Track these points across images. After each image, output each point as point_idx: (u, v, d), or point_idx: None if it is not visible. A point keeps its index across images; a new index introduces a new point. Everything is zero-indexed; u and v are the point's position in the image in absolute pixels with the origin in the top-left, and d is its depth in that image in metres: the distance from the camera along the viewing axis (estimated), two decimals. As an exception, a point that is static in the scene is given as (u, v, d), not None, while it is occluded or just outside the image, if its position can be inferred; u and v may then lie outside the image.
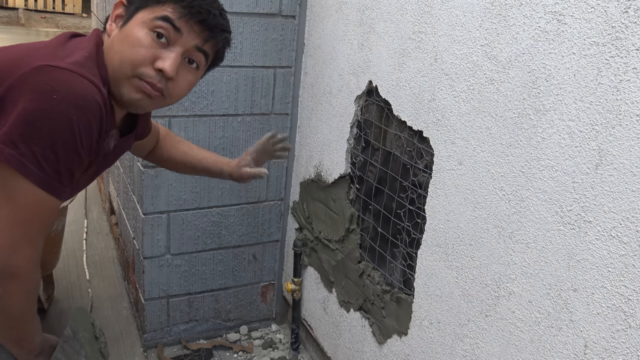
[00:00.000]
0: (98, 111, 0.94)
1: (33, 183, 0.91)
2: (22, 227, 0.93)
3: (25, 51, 0.97)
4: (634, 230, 0.93)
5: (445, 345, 1.39)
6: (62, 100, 0.89)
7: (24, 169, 0.89)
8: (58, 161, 0.92)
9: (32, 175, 0.90)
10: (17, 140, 0.88)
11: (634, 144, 0.92)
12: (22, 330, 1.04)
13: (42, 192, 0.93)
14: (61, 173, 0.94)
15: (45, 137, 0.90)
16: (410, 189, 1.50)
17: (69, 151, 0.93)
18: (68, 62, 0.94)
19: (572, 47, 1.01)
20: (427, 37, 1.36)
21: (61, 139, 0.91)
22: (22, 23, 9.17)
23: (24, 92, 0.89)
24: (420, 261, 1.46)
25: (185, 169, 1.52)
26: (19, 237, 0.93)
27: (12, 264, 0.93)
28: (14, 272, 0.94)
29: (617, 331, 0.97)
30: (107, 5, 2.54)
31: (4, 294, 0.95)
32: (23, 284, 0.97)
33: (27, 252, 0.95)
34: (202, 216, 2.04)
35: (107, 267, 2.65)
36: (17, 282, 0.96)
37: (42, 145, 0.90)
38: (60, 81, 0.90)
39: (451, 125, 1.31)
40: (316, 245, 2.00)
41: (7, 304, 0.96)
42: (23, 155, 0.89)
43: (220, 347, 2.20)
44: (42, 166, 0.91)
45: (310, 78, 1.95)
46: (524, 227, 1.13)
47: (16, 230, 0.93)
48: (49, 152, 0.91)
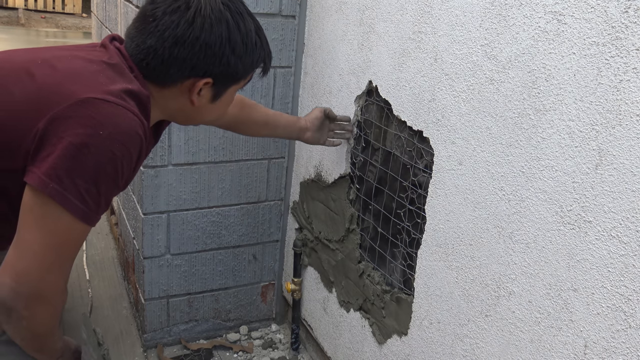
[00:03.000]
0: (139, 144, 0.97)
1: (75, 216, 0.92)
2: (54, 253, 0.94)
3: (65, 76, 0.96)
4: (634, 230, 0.93)
5: (445, 345, 1.39)
6: (108, 136, 0.91)
7: (68, 204, 0.90)
8: (99, 194, 0.94)
9: (76, 209, 0.92)
10: (62, 175, 0.89)
11: (634, 144, 0.92)
12: (45, 342, 1.05)
13: (80, 223, 0.94)
14: (101, 205, 0.96)
15: (89, 172, 0.91)
16: (410, 189, 1.50)
17: (110, 185, 0.95)
18: (112, 92, 0.95)
19: (572, 47, 1.01)
20: (427, 37, 1.36)
21: (104, 174, 0.93)
22: (22, 23, 9.17)
23: (69, 125, 0.90)
24: (420, 261, 1.46)
25: (263, 132, 1.66)
26: (51, 263, 0.94)
27: (41, 287, 0.94)
28: (42, 296, 0.95)
29: (617, 331, 0.97)
30: (107, 5, 2.54)
31: (30, 315, 0.96)
32: (49, 306, 0.98)
33: (57, 277, 0.96)
34: (202, 216, 2.04)
35: (107, 267, 2.65)
36: (44, 305, 0.97)
37: (87, 180, 0.91)
38: (106, 116, 0.92)
39: (451, 125, 1.31)
40: (316, 245, 2.00)
41: (32, 323, 0.97)
42: (67, 190, 0.90)
43: (220, 347, 2.20)
44: (85, 200, 0.92)
45: (310, 78, 1.95)
46: (524, 227, 1.13)
47: (49, 256, 0.93)
48: (92, 187, 0.92)
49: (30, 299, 0.94)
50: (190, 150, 1.92)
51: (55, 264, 0.95)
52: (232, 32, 1.02)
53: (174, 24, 0.98)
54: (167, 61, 1.00)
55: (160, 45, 0.99)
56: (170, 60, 1.00)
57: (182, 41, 0.98)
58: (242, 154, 2.03)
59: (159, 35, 0.99)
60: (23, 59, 1.01)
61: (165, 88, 1.05)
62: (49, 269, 0.94)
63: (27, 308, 0.94)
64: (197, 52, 0.99)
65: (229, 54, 1.02)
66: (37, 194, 0.90)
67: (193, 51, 0.99)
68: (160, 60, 1.00)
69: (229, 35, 1.01)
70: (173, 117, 1.14)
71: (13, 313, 0.94)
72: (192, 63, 1.01)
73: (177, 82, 1.04)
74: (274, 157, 2.10)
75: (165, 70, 1.02)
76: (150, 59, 1.01)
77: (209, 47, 1.00)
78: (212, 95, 1.08)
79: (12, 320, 0.96)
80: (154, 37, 0.99)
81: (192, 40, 0.98)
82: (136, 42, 1.02)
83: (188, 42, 0.98)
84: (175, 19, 0.98)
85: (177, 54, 0.99)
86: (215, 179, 2.01)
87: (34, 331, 1.00)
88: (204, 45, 1.00)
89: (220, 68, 1.03)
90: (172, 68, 1.01)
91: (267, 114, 1.62)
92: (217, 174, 2.01)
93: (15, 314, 0.94)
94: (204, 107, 1.10)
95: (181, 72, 1.02)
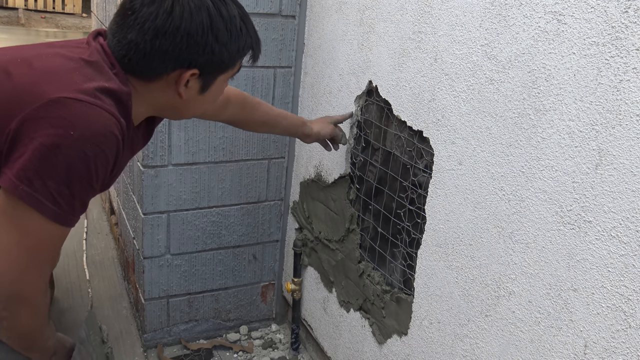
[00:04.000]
0: (115, 144, 0.95)
1: (47, 218, 0.91)
2: (31, 255, 0.93)
3: (40, 75, 0.94)
4: (634, 230, 0.93)
5: (445, 345, 1.39)
6: (80, 137, 0.89)
7: (38, 206, 0.89)
8: (73, 196, 0.93)
9: (47, 211, 0.90)
10: (32, 177, 0.88)
11: (634, 144, 0.92)
12: (33, 341, 1.05)
13: (55, 225, 0.93)
14: (75, 206, 0.94)
15: (61, 173, 0.89)
16: (410, 189, 1.50)
17: (83, 186, 0.93)
18: (86, 91, 0.92)
19: (572, 47, 1.01)
20: (427, 37, 1.36)
21: (77, 175, 0.91)
22: (22, 23, 9.17)
23: (40, 126, 0.88)
24: (420, 261, 1.46)
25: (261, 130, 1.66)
26: (27, 265, 0.93)
27: (19, 289, 0.93)
28: (20, 297, 0.94)
29: (617, 331, 0.97)
30: (107, 5, 2.54)
31: (10, 316, 0.95)
32: (30, 307, 0.98)
33: (35, 279, 0.95)
34: (202, 216, 2.04)
35: (107, 267, 2.65)
36: (25, 307, 0.96)
37: (58, 181, 0.89)
38: (78, 116, 0.90)
39: (451, 125, 1.31)
40: (316, 245, 2.00)
41: (13, 324, 0.97)
42: (38, 192, 0.88)
43: (220, 347, 2.20)
44: (57, 201, 0.91)
45: (310, 78, 1.95)
46: (524, 227, 1.13)
47: (25, 258, 0.92)
48: (64, 188, 0.91)
49: (9, 300, 0.93)
50: (190, 150, 1.92)
51: (31, 266, 0.93)
52: (214, 19, 0.98)
53: (152, 15, 0.95)
54: (149, 54, 0.97)
55: (141, 39, 0.96)
56: (152, 53, 0.97)
57: (163, 32, 0.95)
58: (242, 154, 2.03)
59: (139, 28, 0.96)
60: (5, 58, 1.00)
61: (151, 82, 1.02)
62: (24, 270, 0.93)
63: (6, 309, 0.94)
64: (178, 42, 0.96)
65: (212, 42, 0.99)
66: (9, 196, 0.89)
67: (175, 42, 0.96)
68: (143, 54, 0.97)
69: (211, 23, 0.98)
70: (162, 112, 1.11)
71: None
72: (175, 54, 0.97)
73: (162, 75, 1.01)
74: (274, 157, 2.10)
75: (149, 64, 0.99)
76: (132, 53, 0.98)
77: (190, 37, 0.97)
78: (200, 86, 1.05)
79: None
80: (134, 31, 0.96)
81: (172, 31, 0.95)
82: (117, 38, 0.99)
83: (169, 33, 0.95)
84: (153, 10, 0.95)
85: (158, 46, 0.96)
86: (215, 179, 2.01)
87: (17, 331, 0.99)
88: (186, 35, 0.96)
89: (204, 57, 1.00)
90: (155, 61, 0.98)
91: (267, 115, 1.58)
92: (217, 174, 2.01)
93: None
94: (193, 100, 1.07)
95: (165, 64, 0.99)
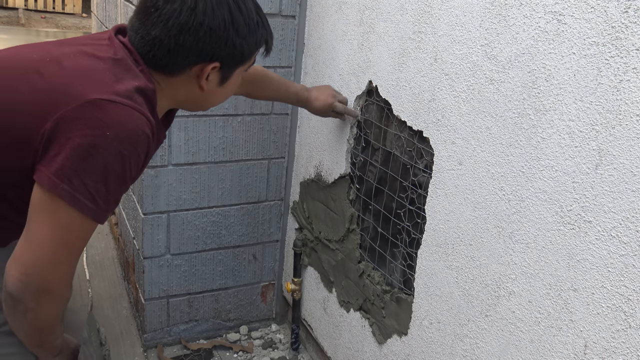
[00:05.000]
0: (146, 142, 0.98)
1: (85, 215, 0.95)
2: (65, 248, 0.96)
3: (72, 75, 0.97)
4: (634, 230, 0.93)
5: (445, 345, 1.39)
6: (116, 137, 0.93)
7: (77, 204, 0.93)
8: (109, 193, 0.96)
9: (85, 209, 0.94)
10: (72, 176, 0.91)
11: (634, 144, 0.92)
12: (46, 337, 1.07)
13: (90, 221, 0.97)
14: (110, 203, 0.98)
15: (98, 172, 0.93)
16: (410, 189, 1.50)
17: (118, 183, 0.97)
18: (119, 92, 0.96)
19: (572, 47, 1.01)
20: (427, 37, 1.36)
21: (113, 173, 0.95)
22: (22, 23, 9.17)
23: (76, 126, 0.92)
24: (420, 261, 1.46)
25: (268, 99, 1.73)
26: (60, 257, 0.96)
27: (49, 280, 0.96)
28: (49, 289, 0.97)
29: (617, 331, 0.97)
30: (107, 5, 2.54)
31: (37, 307, 0.98)
32: (55, 299, 1.00)
33: (64, 271, 0.99)
34: (202, 216, 2.04)
35: (107, 267, 2.65)
36: (50, 298, 0.99)
37: (96, 180, 0.93)
38: (113, 117, 0.93)
39: (451, 125, 1.31)
40: (316, 245, 2.00)
41: (37, 316, 0.99)
42: (77, 190, 0.92)
43: (220, 347, 2.20)
44: (95, 199, 0.94)
45: (310, 78, 1.95)
46: (524, 227, 1.13)
47: (58, 250, 0.95)
48: (102, 186, 0.94)
49: (38, 291, 0.96)
50: (190, 150, 1.92)
51: (63, 258, 0.97)
52: (234, 14, 1.02)
53: (176, 12, 0.98)
54: (173, 50, 1.00)
55: (165, 35, 0.99)
56: (176, 48, 1.00)
57: (187, 28, 0.98)
58: (242, 154, 2.03)
59: (163, 24, 0.99)
60: (33, 57, 1.02)
61: (173, 76, 1.05)
62: (58, 262, 0.96)
63: (34, 300, 0.96)
64: (202, 37, 1.00)
65: (234, 36, 1.03)
66: (46, 192, 0.92)
67: (198, 37, 0.99)
68: (167, 50, 1.00)
69: (232, 18, 1.01)
70: (182, 104, 1.15)
71: (20, 305, 0.96)
72: (199, 49, 1.01)
73: (185, 70, 1.04)
74: (274, 157, 2.10)
75: (173, 59, 1.02)
76: (156, 49, 1.01)
77: (213, 32, 1.00)
78: (220, 79, 1.09)
79: (18, 312, 0.98)
80: (158, 27, 0.99)
81: (196, 26, 0.99)
82: (140, 34, 1.01)
83: (192, 29, 0.99)
84: (177, 7, 0.98)
85: (182, 42, 0.99)
86: (215, 179, 2.01)
87: (39, 324, 1.01)
88: (209, 30, 1.00)
89: (226, 51, 1.04)
90: (179, 56, 1.02)
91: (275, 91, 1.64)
92: (217, 174, 2.01)
93: (22, 306, 0.96)
94: (212, 92, 1.11)
95: (188, 59, 1.03)
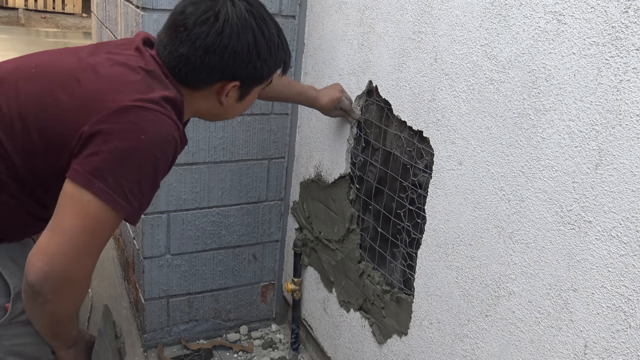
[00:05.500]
0: (175, 146, 1.06)
1: (118, 213, 1.00)
2: (91, 241, 1.00)
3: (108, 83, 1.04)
4: (634, 230, 0.93)
5: (445, 345, 1.39)
6: (149, 140, 1.00)
7: (112, 202, 0.98)
8: (142, 194, 1.03)
9: (119, 207, 0.99)
10: (107, 176, 0.97)
11: (634, 144, 0.92)
12: (63, 328, 1.10)
13: (118, 218, 1.01)
14: (142, 203, 1.04)
15: (133, 173, 1.00)
16: (410, 189, 1.50)
17: (150, 184, 1.04)
18: (152, 100, 1.03)
19: (572, 47, 1.01)
20: (427, 37, 1.36)
21: (146, 175, 1.02)
22: (22, 23, 9.17)
23: (114, 130, 0.99)
24: (420, 261, 1.46)
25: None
26: (83, 249, 0.99)
27: (73, 271, 0.99)
28: (71, 280, 1.00)
29: (617, 331, 0.97)
30: (107, 5, 2.54)
31: (57, 297, 1.00)
32: (75, 291, 1.03)
33: (88, 263, 1.02)
34: (202, 216, 2.04)
35: (107, 267, 2.65)
36: (71, 289, 1.01)
37: (130, 180, 0.99)
38: (147, 122, 1.01)
39: (451, 125, 1.31)
40: (316, 245, 2.00)
41: (55, 307, 1.02)
42: (112, 189, 0.98)
43: (220, 347, 2.20)
44: (128, 198, 1.00)
45: (310, 78, 1.95)
46: (524, 227, 1.13)
47: (85, 243, 0.99)
48: (135, 186, 1.00)
49: (59, 282, 0.98)
50: (190, 150, 1.92)
51: (88, 251, 1.00)
52: (258, 38, 1.09)
53: (204, 34, 1.05)
54: (198, 68, 1.08)
55: (192, 54, 1.06)
56: (201, 66, 1.08)
57: (213, 50, 1.06)
58: (242, 154, 2.03)
59: (191, 44, 1.06)
60: (70, 65, 1.09)
61: (196, 91, 1.13)
62: (83, 254, 0.99)
63: (53, 292, 0.98)
64: (226, 59, 1.07)
65: (255, 59, 1.10)
66: (80, 189, 0.97)
67: (223, 58, 1.07)
68: (192, 67, 1.08)
69: (255, 42, 1.09)
70: (202, 115, 1.23)
71: (39, 297, 0.98)
72: (222, 69, 1.09)
73: (207, 86, 1.12)
74: (274, 157, 2.10)
75: (197, 76, 1.10)
76: (182, 65, 1.08)
77: (237, 54, 1.08)
78: (238, 95, 1.17)
79: (37, 303, 1.00)
80: (186, 46, 1.06)
81: (221, 49, 1.06)
82: (169, 50, 1.09)
83: (218, 51, 1.06)
84: (205, 30, 1.05)
85: (208, 61, 1.07)
86: (215, 179, 2.01)
87: (56, 315, 1.04)
88: (233, 53, 1.07)
89: (247, 72, 1.11)
90: (203, 73, 1.09)
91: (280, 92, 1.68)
92: (217, 174, 2.01)
93: (41, 297, 0.98)
94: (231, 107, 1.19)
95: (211, 77, 1.10)
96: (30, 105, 1.04)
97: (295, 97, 1.73)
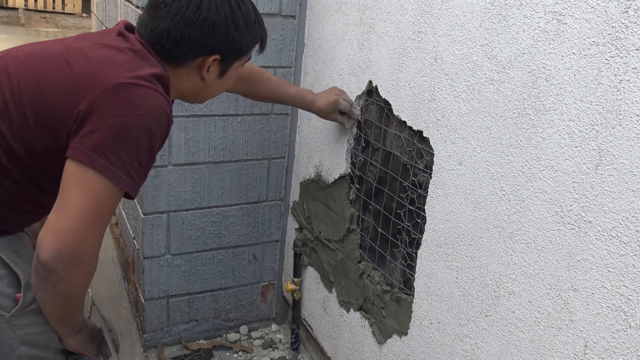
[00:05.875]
0: (167, 121, 1.10)
1: (120, 188, 1.03)
2: (97, 217, 1.03)
3: (98, 63, 1.08)
4: (634, 230, 0.93)
5: (445, 345, 1.39)
6: (144, 115, 1.04)
7: (114, 177, 1.01)
8: (141, 167, 1.06)
9: (122, 181, 1.03)
10: (108, 152, 1.00)
11: (634, 144, 0.92)
12: (72, 310, 1.14)
13: (120, 191, 1.04)
14: (141, 176, 1.08)
15: (132, 147, 1.03)
16: (410, 189, 1.50)
17: (149, 157, 1.08)
18: (142, 77, 1.07)
19: (572, 47, 1.01)
20: (427, 37, 1.36)
21: (144, 148, 1.05)
22: (22, 23, 9.17)
23: (109, 107, 1.02)
24: (420, 261, 1.46)
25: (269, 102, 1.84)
26: (90, 225, 1.02)
27: (82, 248, 1.02)
28: (80, 257, 1.03)
29: (617, 331, 0.97)
30: (107, 5, 2.54)
31: (68, 277, 1.03)
32: (85, 268, 1.06)
33: (95, 239, 1.05)
34: (202, 216, 2.04)
35: (107, 267, 2.65)
36: (81, 266, 1.04)
37: (129, 155, 1.03)
38: (141, 98, 1.04)
39: (451, 125, 1.31)
40: (316, 245, 2.00)
41: (68, 286, 1.05)
42: (113, 164, 1.01)
43: (220, 347, 2.20)
44: (130, 173, 1.04)
45: (310, 78, 1.95)
46: (524, 227, 1.13)
47: (91, 219, 1.02)
48: (135, 160, 1.04)
49: (70, 259, 1.01)
50: (190, 150, 1.92)
51: (94, 225, 1.03)
52: (235, 12, 1.15)
53: (183, 8, 1.11)
54: (179, 42, 1.13)
55: (173, 28, 1.12)
56: (182, 40, 1.13)
57: (192, 22, 1.11)
58: (242, 154, 2.03)
59: (171, 19, 1.11)
60: (57, 50, 1.12)
61: (179, 67, 1.17)
62: (89, 230, 1.02)
63: (66, 269, 1.01)
64: (205, 31, 1.13)
65: (234, 31, 1.15)
66: (83, 167, 1.00)
67: (202, 31, 1.12)
68: (174, 42, 1.13)
69: (233, 15, 1.15)
70: (185, 96, 1.27)
71: (52, 275, 1.01)
72: (202, 42, 1.14)
73: (189, 61, 1.17)
74: (274, 157, 2.10)
75: (179, 50, 1.15)
76: (164, 41, 1.13)
77: (216, 27, 1.13)
78: (219, 71, 1.21)
79: (50, 282, 1.03)
80: (167, 21, 1.12)
81: (200, 21, 1.11)
82: (150, 27, 1.14)
83: (197, 23, 1.11)
84: (184, 4, 1.11)
85: (188, 35, 1.12)
86: (215, 179, 2.01)
87: (69, 294, 1.07)
88: (212, 25, 1.13)
89: (226, 45, 1.16)
90: (184, 47, 1.14)
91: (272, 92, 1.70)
92: (217, 174, 2.01)
93: (55, 275, 1.01)
94: (212, 83, 1.23)
95: (192, 50, 1.15)
96: (23, 88, 1.07)
97: (291, 99, 1.73)
